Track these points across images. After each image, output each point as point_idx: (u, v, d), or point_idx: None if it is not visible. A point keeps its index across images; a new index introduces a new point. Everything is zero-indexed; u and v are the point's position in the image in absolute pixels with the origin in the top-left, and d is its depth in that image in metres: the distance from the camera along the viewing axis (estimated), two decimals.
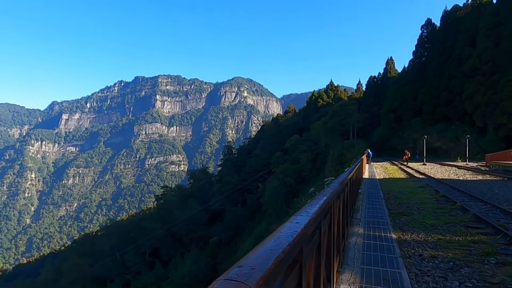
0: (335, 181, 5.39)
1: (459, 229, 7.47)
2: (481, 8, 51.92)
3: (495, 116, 44.46)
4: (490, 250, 5.75)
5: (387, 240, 6.62)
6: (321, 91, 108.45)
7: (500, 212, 9.46)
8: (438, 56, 57.04)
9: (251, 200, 74.47)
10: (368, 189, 14.71)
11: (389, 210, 9.79)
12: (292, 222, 2.25)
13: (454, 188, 15.00)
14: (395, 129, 67.11)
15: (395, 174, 24.05)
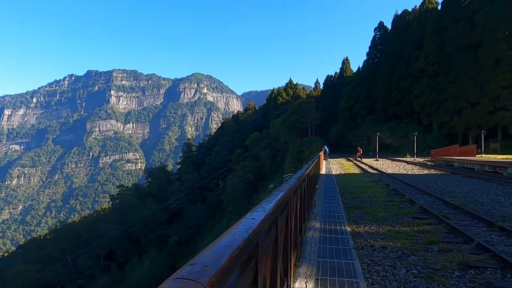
0: (292, 177, 5.50)
1: (407, 220, 7.97)
2: (427, 13, 55.59)
3: (439, 115, 47.92)
4: (434, 239, 6.20)
5: (342, 233, 6.88)
6: (280, 89, 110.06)
7: (443, 203, 10.24)
8: (389, 58, 60.22)
9: (212, 198, 73.93)
10: (325, 184, 15.19)
11: (344, 204, 10.19)
12: (248, 218, 2.25)
13: (403, 182, 15.98)
14: (350, 126, 70.03)
15: (350, 169, 25.09)
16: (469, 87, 44.18)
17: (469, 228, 7.08)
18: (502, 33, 41.98)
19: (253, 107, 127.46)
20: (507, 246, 5.86)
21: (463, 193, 12.72)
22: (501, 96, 41.73)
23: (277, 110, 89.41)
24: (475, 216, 8.08)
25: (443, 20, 49.75)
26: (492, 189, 13.50)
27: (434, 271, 4.78)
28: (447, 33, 48.53)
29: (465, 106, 45.01)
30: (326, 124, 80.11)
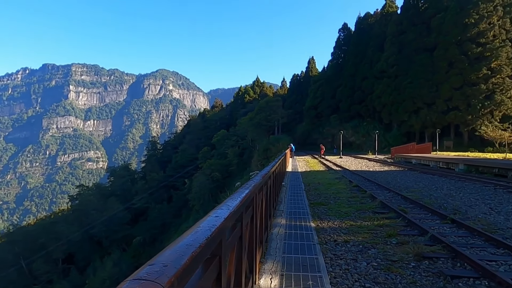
0: (258, 175, 5.52)
1: (368, 215, 8.30)
2: (388, 17, 57.99)
3: (398, 114, 50.25)
4: (392, 232, 6.50)
5: (307, 229, 7.02)
6: (247, 87, 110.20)
7: (401, 198, 10.77)
8: (353, 58, 62.19)
9: (178, 197, 72.69)
10: (291, 181, 15.42)
11: (309, 201, 10.41)
12: (212, 216, 2.23)
13: (365, 178, 16.61)
14: (316, 124, 71.68)
15: (316, 167, 25.68)
16: (426, 88, 46.70)
17: (424, 221, 7.49)
18: (455, 38, 44.73)
19: (220, 104, 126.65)
20: (457, 237, 6.28)
21: (419, 188, 13.45)
22: (454, 97, 44.51)
23: (244, 108, 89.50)
24: (430, 210, 8.57)
25: (402, 24, 52.15)
26: (445, 184, 14.38)
27: (392, 263, 5.02)
28: (406, 36, 50.94)
29: (422, 106, 47.52)
30: (292, 122, 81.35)
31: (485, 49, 43.21)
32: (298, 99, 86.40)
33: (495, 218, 8.06)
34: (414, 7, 52.11)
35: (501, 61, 42.68)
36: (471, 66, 43.57)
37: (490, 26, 43.61)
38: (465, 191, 12.47)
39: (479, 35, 43.74)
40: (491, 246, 5.66)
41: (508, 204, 9.84)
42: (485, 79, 43.16)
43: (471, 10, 44.03)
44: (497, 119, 43.41)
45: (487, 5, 43.74)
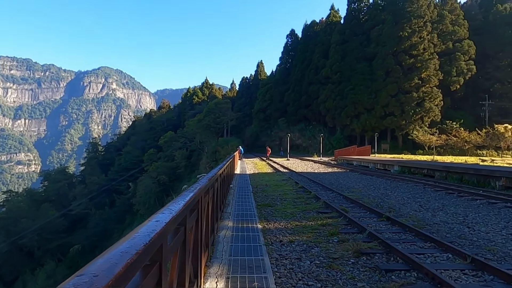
0: (204, 177, 5.45)
1: (312, 215, 8.61)
2: (332, 26, 61.00)
3: (341, 119, 52.99)
4: (334, 231, 6.81)
5: (254, 230, 7.07)
6: (196, 88, 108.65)
7: (343, 198, 11.35)
8: (300, 64, 64.36)
9: (121, 201, 69.09)
10: (239, 183, 15.46)
11: (256, 203, 10.51)
12: (152, 221, 2.14)
13: (310, 180, 17.23)
14: (264, 127, 72.84)
15: (264, 169, 26.06)
16: (366, 94, 49.89)
17: (363, 220, 7.97)
18: (391, 49, 48.44)
19: (167, 105, 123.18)
20: (391, 233, 6.77)
21: (359, 188, 14.29)
22: (390, 103, 48.12)
23: (192, 109, 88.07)
24: (368, 209, 9.14)
25: (345, 33, 55.19)
26: (382, 184, 15.46)
27: (333, 260, 5.25)
28: (348, 45, 53.98)
29: (362, 111, 50.65)
30: (241, 125, 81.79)
31: (416, 60, 47.34)
32: (247, 101, 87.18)
33: (424, 214, 8.84)
34: (355, 18, 55.43)
35: (430, 72, 47.09)
36: (405, 76, 47.48)
37: (421, 40, 47.94)
38: (399, 190, 13.51)
39: (411, 48, 47.84)
40: (420, 240, 6.19)
41: (435, 201, 10.86)
42: (416, 88, 47.27)
43: (405, 24, 48.02)
44: (426, 124, 47.76)
45: (418, 21, 48.01)
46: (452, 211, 9.20)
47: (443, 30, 50.59)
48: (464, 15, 53.00)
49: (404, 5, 49.31)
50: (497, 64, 51.89)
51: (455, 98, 52.93)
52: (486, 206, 9.98)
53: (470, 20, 53.34)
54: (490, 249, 5.76)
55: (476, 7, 58.46)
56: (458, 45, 49.84)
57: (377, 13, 53.50)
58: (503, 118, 47.42)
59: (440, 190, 13.10)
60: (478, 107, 50.95)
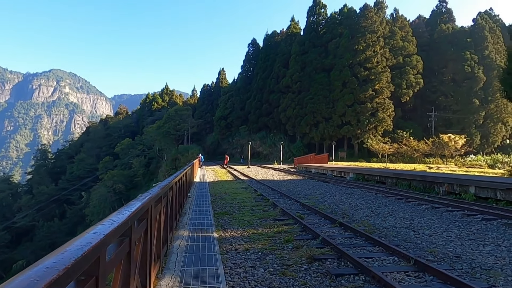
0: (156, 186, 5.30)
1: (269, 223, 8.67)
2: (293, 37, 62.69)
3: (301, 127, 54.28)
4: (289, 238, 6.91)
5: (209, 239, 6.97)
6: (156, 94, 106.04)
7: (300, 205, 11.57)
8: (261, 72, 65.24)
9: (73, 212, 65.13)
10: (197, 192, 15.22)
11: (214, 211, 10.40)
12: (89, 233, 2.03)
13: (269, 187, 17.39)
14: (225, 135, 72.66)
15: (224, 177, 25.91)
16: (324, 104, 51.60)
17: (317, 226, 8.17)
18: (347, 61, 50.68)
19: (125, 111, 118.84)
20: (343, 238, 7.00)
21: (316, 195, 14.67)
22: (347, 113, 50.14)
23: (152, 116, 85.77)
24: (323, 215, 9.40)
25: (304, 45, 56.92)
26: (337, 191, 15.99)
27: (287, 267, 5.31)
28: (307, 56, 55.69)
29: (321, 120, 52.27)
30: (202, 132, 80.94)
31: (370, 73, 49.91)
32: (209, 109, 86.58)
33: (375, 219, 9.26)
34: (314, 30, 57.42)
35: (383, 84, 49.83)
36: (360, 87, 49.82)
37: (374, 54, 50.67)
38: (353, 196, 14.05)
39: (366, 61, 50.39)
40: (370, 245, 6.46)
41: (386, 207, 11.42)
42: (370, 99, 49.74)
43: (360, 39, 50.57)
44: (380, 133, 50.28)
45: (371, 36, 50.78)
46: (400, 216, 9.73)
47: (394, 46, 53.95)
48: (412, 32, 57.00)
49: (359, 21, 52.05)
50: (442, 79, 56.22)
51: (405, 109, 56.46)
52: (430, 210, 10.67)
53: (418, 37, 57.48)
54: (431, 251, 6.14)
55: (423, 25, 63.14)
56: (408, 60, 53.37)
57: (334, 27, 55.89)
58: (447, 128, 51.32)
59: (390, 196, 13.81)
60: (425, 117, 54.73)
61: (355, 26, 52.11)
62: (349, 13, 55.97)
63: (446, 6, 62.65)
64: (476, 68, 53.72)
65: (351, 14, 55.45)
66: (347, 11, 56.72)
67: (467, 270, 5.14)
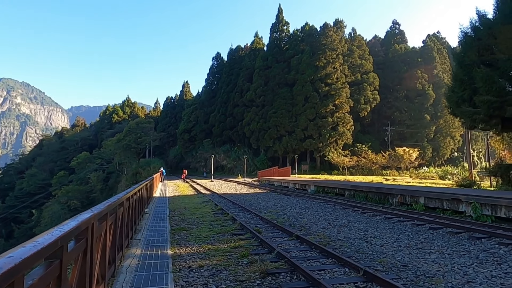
0: (102, 203, 5.06)
1: (226, 238, 8.56)
2: (256, 52, 63.84)
3: (265, 140, 54.83)
4: (245, 253, 6.85)
5: (163, 257, 6.74)
6: (116, 106, 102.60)
7: (259, 219, 11.56)
8: (225, 86, 65.54)
9: (22, 231, 60.36)
10: (156, 207, 14.74)
11: (171, 227, 10.11)
12: (4, 257, 1.89)
13: (230, 201, 17.25)
14: (189, 148, 71.60)
15: (185, 191, 25.37)
16: (287, 118, 52.64)
17: (274, 240, 8.18)
18: (309, 77, 52.32)
19: (82, 123, 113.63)
20: (299, 251, 7.06)
21: (277, 208, 14.75)
22: (309, 127, 51.44)
23: (112, 128, 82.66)
24: (281, 228, 9.44)
25: (268, 60, 58.15)
26: (298, 204, 16.20)
27: (240, 283, 5.24)
28: (271, 71, 56.87)
29: (284, 133, 53.18)
30: (165, 145, 79.17)
31: (331, 88, 51.80)
32: (172, 122, 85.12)
33: (331, 231, 9.45)
34: (277, 46, 58.89)
35: (342, 99, 51.83)
36: (321, 102, 51.46)
37: (334, 70, 52.77)
38: (312, 209, 14.29)
39: (326, 77, 52.30)
40: (323, 257, 6.56)
41: (342, 218, 11.72)
42: (331, 113, 51.46)
43: (321, 55, 52.54)
44: (340, 147, 51.98)
45: (331, 53, 52.95)
46: (356, 227, 10.01)
47: (353, 63, 56.64)
48: (369, 51, 60.26)
49: (320, 38, 54.21)
50: (396, 95, 59.65)
51: (364, 123, 59.03)
52: (383, 221, 11.10)
53: (374, 55, 60.84)
54: (381, 261, 6.36)
55: (378, 45, 67.01)
56: (365, 77, 56.16)
57: (296, 43, 57.74)
58: (402, 142, 54.23)
59: (347, 208, 14.22)
60: (382, 132, 57.53)
61: (316, 43, 54.19)
62: (310, 31, 58.19)
63: (399, 28, 67.12)
64: (426, 86, 57.65)
65: (312, 32, 57.67)
66: (309, 29, 58.94)
67: (412, 278, 5.36)
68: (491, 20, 17.50)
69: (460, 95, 18.45)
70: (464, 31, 18.86)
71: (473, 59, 17.59)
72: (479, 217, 10.78)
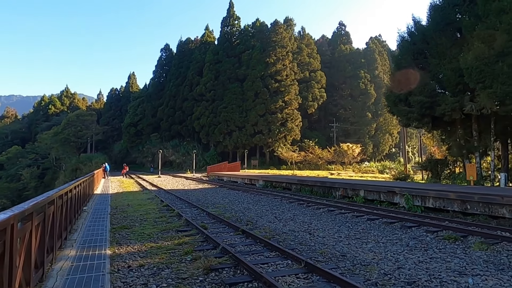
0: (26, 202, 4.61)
1: (171, 235, 8.32)
2: (207, 45, 62.85)
3: (214, 135, 54.39)
4: (189, 249, 6.70)
5: (100, 258, 6.35)
6: (54, 96, 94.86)
7: (206, 215, 11.42)
8: (174, 79, 63.73)
9: None
10: (96, 205, 13.90)
11: (112, 226, 9.59)
12: None
13: (177, 197, 16.85)
14: (135, 143, 68.63)
15: (130, 187, 24.29)
16: (237, 113, 52.68)
17: (220, 235, 8.13)
18: (259, 73, 52.78)
19: (13, 115, 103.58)
20: (244, 246, 7.09)
21: (225, 203, 14.70)
22: (259, 122, 52.00)
23: (48, 121, 76.36)
24: (227, 224, 9.42)
25: (218, 54, 57.57)
26: (246, 199, 16.30)
27: (182, 280, 5.11)
28: (221, 65, 56.39)
29: (234, 129, 53.18)
30: (109, 140, 75.11)
31: (280, 85, 52.79)
32: (117, 114, 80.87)
33: (277, 225, 9.63)
34: (228, 41, 58.54)
35: (291, 96, 53.11)
36: (271, 98, 52.25)
37: (284, 67, 53.82)
38: (260, 203, 14.47)
39: (276, 73, 53.17)
40: (268, 250, 6.65)
41: (288, 212, 12.01)
42: (281, 110, 52.50)
43: (271, 52, 53.23)
44: (289, 142, 53.32)
45: (281, 50, 53.90)
46: (300, 220, 10.32)
47: (302, 61, 58.23)
48: (317, 50, 62.36)
49: (270, 35, 54.86)
50: (342, 93, 62.57)
51: (311, 120, 61.13)
52: (326, 213, 11.58)
53: (322, 54, 63.12)
54: (322, 251, 6.61)
55: (326, 44, 69.61)
56: (313, 75, 58.08)
57: (247, 39, 57.83)
58: (346, 138, 57.14)
59: (293, 201, 14.62)
60: (328, 128, 60.09)
61: (267, 40, 54.76)
62: (261, 27, 58.62)
63: (345, 29, 70.32)
64: (368, 85, 61.20)
65: (263, 28, 58.14)
66: (259, 25, 59.32)
67: (349, 267, 5.64)
68: (425, 27, 19.01)
69: (397, 95, 19.84)
70: (402, 35, 20.30)
71: (409, 62, 19.00)
72: (411, 208, 11.71)
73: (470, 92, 16.37)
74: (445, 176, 20.56)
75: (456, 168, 20.73)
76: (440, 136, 22.96)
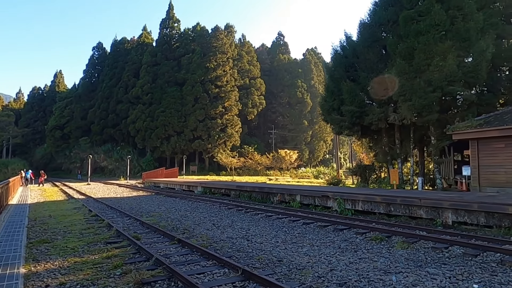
0: None
1: (99, 247, 7.66)
2: (144, 46, 60.40)
3: (151, 140, 52.25)
4: (119, 263, 6.22)
5: (12, 278, 5.58)
6: None
7: (140, 224, 10.80)
8: (108, 80, 60.01)
9: None
10: (10, 217, 12.33)
11: (28, 240, 8.55)
12: None
13: (108, 206, 15.72)
14: (62, 147, 63.00)
15: (53, 196, 22.09)
16: (176, 118, 51.32)
17: (154, 245, 7.71)
18: (200, 78, 52.19)
19: None
20: (179, 256, 6.80)
21: (161, 211, 14.07)
22: (198, 128, 51.24)
23: None
24: (163, 233, 8.99)
25: (157, 56, 55.70)
26: (183, 206, 15.81)
27: None
28: (160, 68, 54.62)
29: (172, 134, 51.67)
30: (30, 143, 67.87)
31: (221, 90, 52.75)
32: (40, 116, 73.47)
33: (215, 232, 9.46)
34: (167, 43, 56.98)
35: (232, 102, 53.35)
36: (211, 103, 51.92)
37: (224, 73, 53.93)
38: (198, 210, 14.13)
39: (216, 79, 53.03)
40: (204, 259, 6.46)
41: (227, 218, 11.89)
42: (221, 115, 52.39)
43: (211, 57, 53.01)
44: (229, 148, 53.36)
45: (222, 56, 54.00)
46: (239, 226, 10.27)
47: (242, 68, 58.91)
48: (257, 57, 63.66)
49: (211, 40, 54.65)
50: (280, 101, 64.55)
51: (251, 126, 61.99)
52: (264, 219, 11.70)
53: (262, 62, 64.59)
54: (259, 258, 6.61)
55: (265, 53, 71.42)
56: (253, 82, 59.07)
57: (187, 42, 56.85)
58: (284, 144, 58.96)
59: (232, 207, 14.55)
60: (267, 135, 61.48)
61: (207, 45, 54.40)
62: (202, 31, 58.10)
63: (283, 40, 72.90)
64: (305, 94, 64.05)
65: (204, 33, 57.68)
66: (200, 29, 58.75)
67: (285, 272, 5.71)
68: (355, 42, 20.49)
69: (330, 104, 21.01)
70: (335, 49, 21.62)
71: (341, 74, 20.27)
72: (343, 211, 12.38)
73: (393, 104, 17.97)
74: (372, 181, 22.24)
75: (381, 173, 22.54)
76: (368, 144, 24.80)
